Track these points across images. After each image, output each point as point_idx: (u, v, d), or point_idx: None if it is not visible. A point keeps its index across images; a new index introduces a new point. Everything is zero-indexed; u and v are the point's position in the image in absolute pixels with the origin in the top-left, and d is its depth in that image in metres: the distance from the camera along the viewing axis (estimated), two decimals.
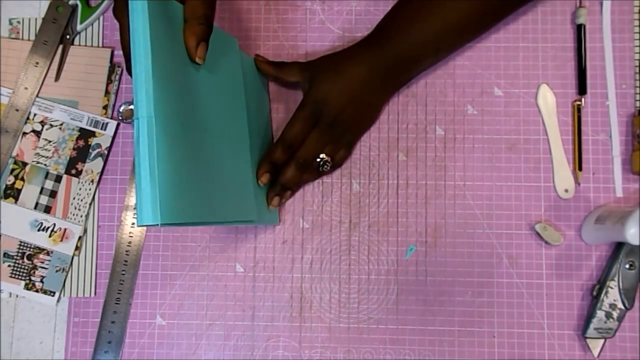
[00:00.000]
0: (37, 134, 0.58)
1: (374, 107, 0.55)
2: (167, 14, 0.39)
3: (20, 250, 0.57)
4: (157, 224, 0.35)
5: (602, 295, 0.53)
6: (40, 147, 0.58)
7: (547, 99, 0.57)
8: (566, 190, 0.56)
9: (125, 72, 0.59)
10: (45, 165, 0.58)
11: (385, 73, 0.52)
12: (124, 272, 0.57)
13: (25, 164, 0.58)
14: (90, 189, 0.58)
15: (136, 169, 0.36)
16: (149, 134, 0.36)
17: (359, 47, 0.53)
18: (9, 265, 0.57)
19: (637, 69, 0.57)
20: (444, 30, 0.51)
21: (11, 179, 0.58)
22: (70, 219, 0.57)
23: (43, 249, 0.57)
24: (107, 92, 0.58)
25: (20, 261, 0.57)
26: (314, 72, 0.52)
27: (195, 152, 0.40)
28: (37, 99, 0.58)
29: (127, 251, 0.57)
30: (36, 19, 0.60)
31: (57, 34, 0.59)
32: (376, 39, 0.52)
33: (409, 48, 0.52)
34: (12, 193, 0.58)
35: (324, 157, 0.53)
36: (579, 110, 0.56)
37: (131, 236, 0.57)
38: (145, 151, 0.36)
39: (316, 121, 0.51)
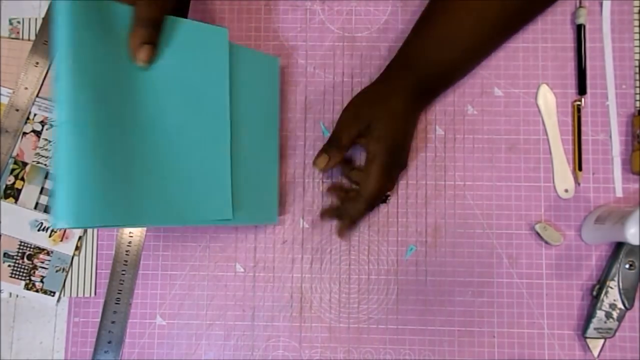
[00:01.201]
0: (37, 134, 0.58)
1: (413, 130, 0.54)
2: (100, 16, 0.40)
3: (20, 250, 0.57)
4: (71, 227, 0.37)
5: (602, 295, 0.53)
6: (41, 147, 0.58)
7: (547, 99, 0.57)
8: (566, 190, 0.56)
9: None
10: (45, 165, 0.58)
11: (420, 94, 0.52)
12: (124, 272, 0.57)
13: (25, 164, 0.58)
14: None
15: (54, 171, 0.37)
16: (66, 138, 0.37)
17: (390, 73, 0.52)
18: (9, 265, 0.57)
19: (637, 69, 0.57)
20: (469, 45, 0.51)
21: (11, 179, 0.58)
22: None
23: (43, 249, 0.57)
24: None
25: (20, 261, 0.57)
26: (368, 118, 0.51)
27: (126, 153, 0.41)
28: (37, 99, 0.58)
29: (127, 251, 0.57)
30: (36, 19, 0.60)
31: None
32: (404, 62, 0.52)
33: (438, 66, 0.51)
34: (12, 193, 0.58)
35: (388, 193, 0.55)
36: (579, 110, 0.56)
37: (131, 236, 0.57)
38: (61, 155, 0.37)
39: (374, 159, 0.50)
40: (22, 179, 0.58)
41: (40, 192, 0.57)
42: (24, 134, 0.58)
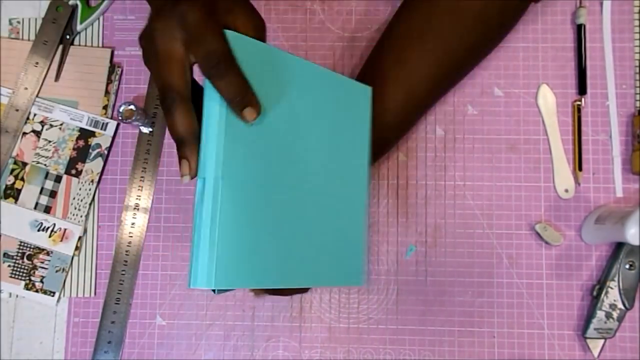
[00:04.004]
0: (37, 134, 0.58)
1: None
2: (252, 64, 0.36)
3: (20, 250, 0.57)
4: (213, 291, 0.35)
5: (602, 295, 0.53)
6: (40, 147, 0.58)
7: (547, 99, 0.57)
8: (566, 190, 0.56)
9: (124, 72, 0.59)
10: (45, 165, 0.58)
11: None
12: (124, 272, 0.57)
13: (25, 164, 0.58)
14: (90, 189, 0.58)
15: (196, 227, 0.35)
16: (214, 195, 0.35)
17: None
18: (9, 265, 0.57)
19: (637, 69, 0.57)
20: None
21: (11, 179, 0.58)
22: (70, 219, 0.57)
23: (43, 249, 0.57)
24: (107, 92, 0.58)
25: (20, 261, 0.57)
26: None
27: (268, 213, 0.38)
28: (37, 99, 0.58)
29: (127, 251, 0.57)
30: (36, 19, 0.60)
31: (57, 34, 0.59)
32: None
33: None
34: (12, 193, 0.58)
35: None
36: (579, 110, 0.56)
37: (131, 236, 0.57)
38: (209, 213, 0.35)
39: None
40: (22, 179, 0.58)
41: (40, 192, 0.57)
42: (24, 134, 0.58)
